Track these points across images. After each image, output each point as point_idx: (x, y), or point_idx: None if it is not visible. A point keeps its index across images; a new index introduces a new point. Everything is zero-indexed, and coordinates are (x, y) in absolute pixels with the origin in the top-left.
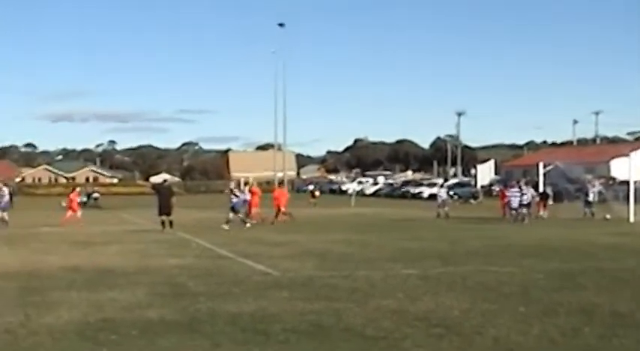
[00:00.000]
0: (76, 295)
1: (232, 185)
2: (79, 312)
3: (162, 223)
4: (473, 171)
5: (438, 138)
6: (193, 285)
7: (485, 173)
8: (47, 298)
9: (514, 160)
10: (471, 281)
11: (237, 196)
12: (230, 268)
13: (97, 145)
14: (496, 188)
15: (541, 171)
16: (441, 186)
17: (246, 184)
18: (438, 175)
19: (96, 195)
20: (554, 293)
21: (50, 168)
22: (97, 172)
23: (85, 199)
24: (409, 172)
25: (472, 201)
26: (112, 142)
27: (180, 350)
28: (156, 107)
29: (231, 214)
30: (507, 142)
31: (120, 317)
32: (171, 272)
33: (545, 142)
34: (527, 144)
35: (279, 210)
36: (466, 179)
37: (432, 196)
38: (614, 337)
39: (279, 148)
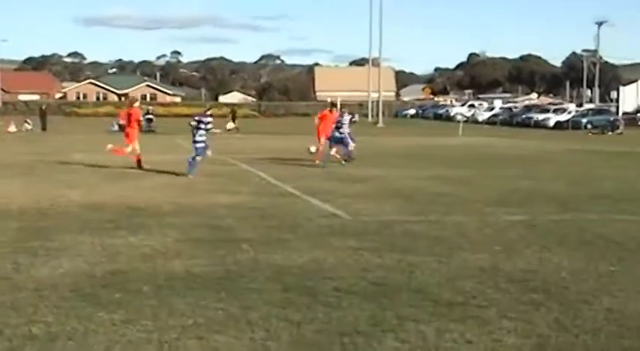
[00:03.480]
0: (89, 239)
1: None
2: (86, 261)
3: None
4: (614, 94)
5: (573, 53)
6: (240, 229)
7: (629, 97)
8: (51, 243)
9: None
10: (591, 233)
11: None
12: (290, 209)
13: (159, 57)
14: None
15: None
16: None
17: (333, 105)
18: (571, 99)
19: (149, 116)
20: None
21: (97, 82)
22: (156, 89)
23: None
24: (534, 95)
25: (610, 132)
26: (177, 53)
27: (198, 315)
28: (229, 12)
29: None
30: None
31: (135, 269)
32: (217, 212)
33: None
34: None
35: None
36: (605, 105)
37: (559, 125)
38: None
39: (374, 64)
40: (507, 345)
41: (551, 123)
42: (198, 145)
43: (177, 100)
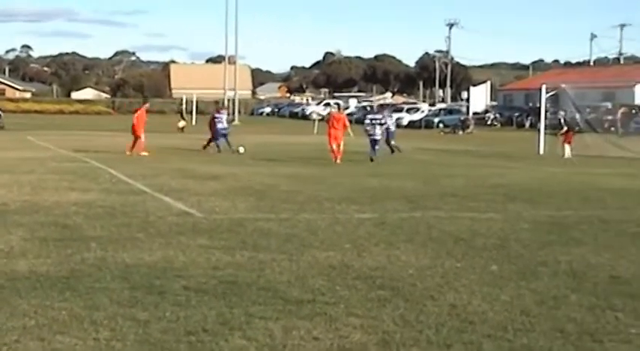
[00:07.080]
0: None
1: None
2: None
3: None
4: (465, 95)
5: (426, 54)
6: (89, 227)
7: (479, 97)
8: None
9: (515, 83)
10: (438, 230)
11: None
12: (142, 207)
13: (8, 51)
14: (491, 116)
15: (544, 96)
16: None
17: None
18: (424, 99)
19: None
20: (540, 249)
21: None
22: (5, 84)
23: None
24: (388, 94)
25: (461, 131)
26: (27, 47)
27: (41, 315)
28: (83, 6)
29: None
30: (510, 61)
31: None
32: (67, 210)
33: (557, 61)
34: (534, 63)
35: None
36: (457, 105)
37: (412, 124)
38: (608, 309)
39: (230, 61)
40: (353, 341)
41: (405, 122)
42: (371, 137)
43: (28, 95)
